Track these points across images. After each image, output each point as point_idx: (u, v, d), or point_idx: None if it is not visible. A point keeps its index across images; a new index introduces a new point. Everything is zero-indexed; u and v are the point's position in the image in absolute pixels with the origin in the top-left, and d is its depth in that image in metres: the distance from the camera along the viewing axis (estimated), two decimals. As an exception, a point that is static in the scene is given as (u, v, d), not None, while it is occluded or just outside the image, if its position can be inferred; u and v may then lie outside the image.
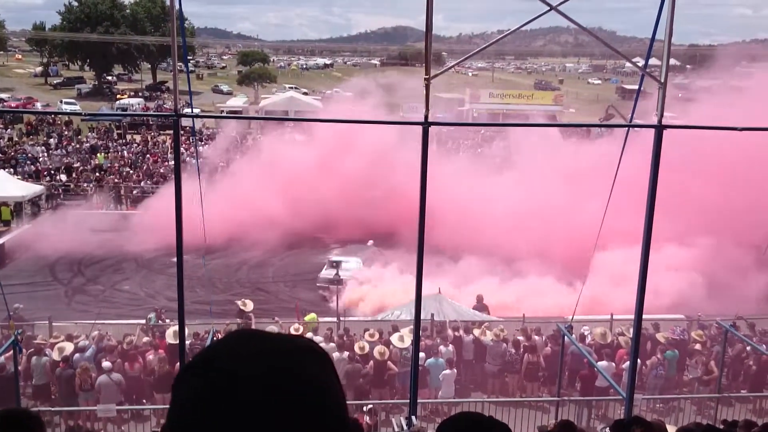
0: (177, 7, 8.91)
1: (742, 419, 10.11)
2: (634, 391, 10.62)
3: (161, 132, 45.99)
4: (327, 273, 21.61)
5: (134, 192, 31.92)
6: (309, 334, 16.34)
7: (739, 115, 18.57)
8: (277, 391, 1.06)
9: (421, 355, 14.70)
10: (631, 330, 11.08)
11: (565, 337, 13.61)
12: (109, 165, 35.85)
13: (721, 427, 8.63)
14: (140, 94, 72.96)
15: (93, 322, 16.61)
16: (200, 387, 1.08)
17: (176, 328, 13.77)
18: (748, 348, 15.62)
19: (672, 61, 9.75)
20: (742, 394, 15.71)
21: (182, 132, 31.85)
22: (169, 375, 14.54)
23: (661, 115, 9.02)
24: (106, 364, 14.33)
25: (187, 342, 13.76)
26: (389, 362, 15.20)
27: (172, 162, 29.22)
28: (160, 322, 17.38)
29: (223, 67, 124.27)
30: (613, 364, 15.27)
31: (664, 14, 8.95)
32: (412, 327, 12.21)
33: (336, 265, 18.18)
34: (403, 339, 15.52)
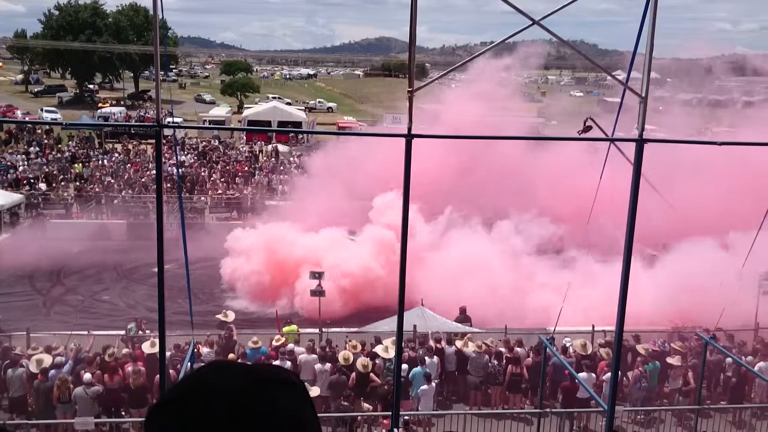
0: (160, 16, 8.86)
1: None
2: (616, 403, 10.64)
3: (142, 141, 45.70)
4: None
5: (115, 202, 31.66)
6: (290, 345, 16.26)
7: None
8: (248, 429, 1.04)
9: (404, 366, 14.67)
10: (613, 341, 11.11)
11: (547, 348, 13.63)
12: (90, 174, 35.55)
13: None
14: (122, 102, 72.56)
15: (71, 333, 16.40)
16: (170, 425, 1.06)
17: (155, 338, 13.64)
18: (728, 360, 15.74)
19: (653, 75, 9.84)
20: (722, 406, 15.82)
21: (164, 141, 31.80)
22: (143, 388, 14.38)
23: (642, 129, 9.09)
24: (86, 376, 14.15)
25: (168, 353, 13.67)
26: (372, 374, 15.14)
27: (154, 172, 29.04)
28: (140, 332, 17.21)
29: (206, 77, 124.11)
30: (594, 375, 15.32)
31: (645, 28, 9.04)
32: (394, 338, 12.17)
33: (318, 275, 18.07)
34: (387, 350, 15.48)
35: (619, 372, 13.20)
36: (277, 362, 15.42)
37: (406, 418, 13.51)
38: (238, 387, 1.09)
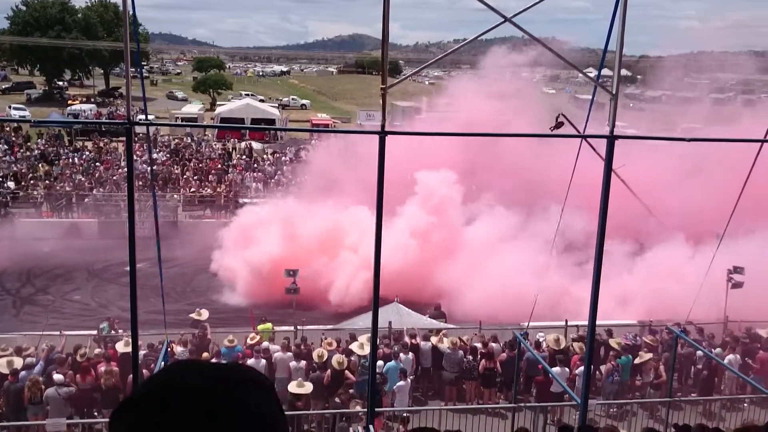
0: (130, 11, 8.77)
1: (694, 423, 10.34)
2: (589, 397, 10.77)
3: (113, 139, 45.14)
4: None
5: (86, 200, 31.25)
6: (265, 343, 16.20)
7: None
8: (215, 428, 1.03)
9: (380, 363, 14.71)
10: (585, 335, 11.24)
11: (521, 343, 13.75)
12: (60, 172, 35.03)
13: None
14: (92, 99, 71.50)
15: (42, 333, 16.17)
16: (135, 425, 1.05)
17: (128, 338, 13.49)
18: (699, 353, 16.00)
19: (623, 72, 9.97)
20: (692, 398, 16.08)
21: (136, 139, 31.45)
22: (115, 388, 14.23)
23: (613, 126, 9.20)
24: (57, 377, 13.97)
25: (141, 353, 13.55)
26: (347, 371, 15.14)
27: (126, 169, 28.72)
28: (113, 332, 17.02)
29: (178, 74, 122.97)
30: (567, 369, 15.48)
31: (615, 26, 9.15)
32: (369, 335, 12.19)
33: (293, 273, 18.01)
34: (363, 347, 15.49)
35: (592, 366, 13.39)
36: (252, 360, 15.36)
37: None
38: (204, 386, 1.07)
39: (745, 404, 15.90)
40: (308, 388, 14.46)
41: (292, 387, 14.40)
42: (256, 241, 23.27)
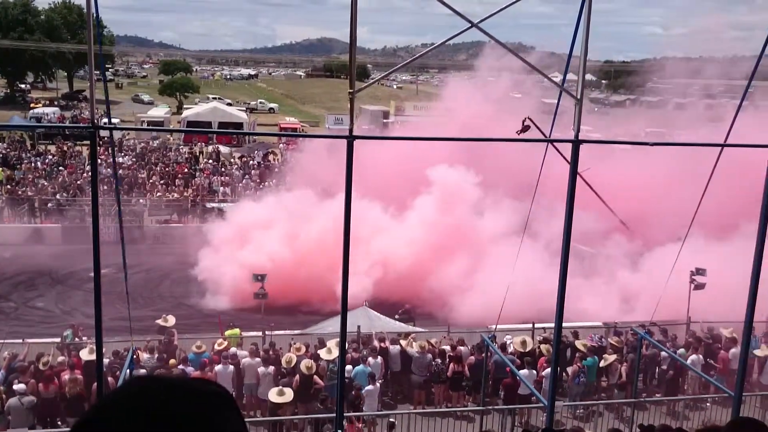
0: (94, 13, 8.65)
1: (659, 423, 10.51)
2: (555, 398, 10.88)
3: (77, 143, 44.42)
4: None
5: (49, 205, 30.69)
6: (233, 349, 16.07)
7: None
8: None
9: (349, 367, 14.68)
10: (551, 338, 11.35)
11: (489, 346, 13.84)
12: (22, 177, 34.36)
13: None
14: (56, 103, 70.32)
15: (3, 341, 15.84)
16: None
17: (92, 345, 13.28)
18: (663, 353, 16.27)
19: (588, 77, 10.11)
20: (657, 399, 16.34)
21: (100, 143, 30.99)
22: (80, 396, 14.00)
23: (578, 130, 9.33)
24: (19, 386, 13.68)
25: (106, 360, 13.33)
26: (315, 377, 15.08)
27: (90, 174, 28.28)
28: (77, 339, 16.73)
29: (144, 77, 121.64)
30: (534, 371, 15.62)
31: (580, 31, 9.28)
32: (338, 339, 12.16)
33: (261, 278, 17.87)
34: (330, 352, 15.45)
35: (559, 368, 13.54)
36: (219, 367, 15.22)
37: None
38: (161, 401, 1.05)
39: (708, 404, 16.20)
40: (288, 396, 14.38)
41: (273, 396, 14.32)
42: (252, 242, 23.05)
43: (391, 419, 13.85)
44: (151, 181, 34.60)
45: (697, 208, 11.03)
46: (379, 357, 16.02)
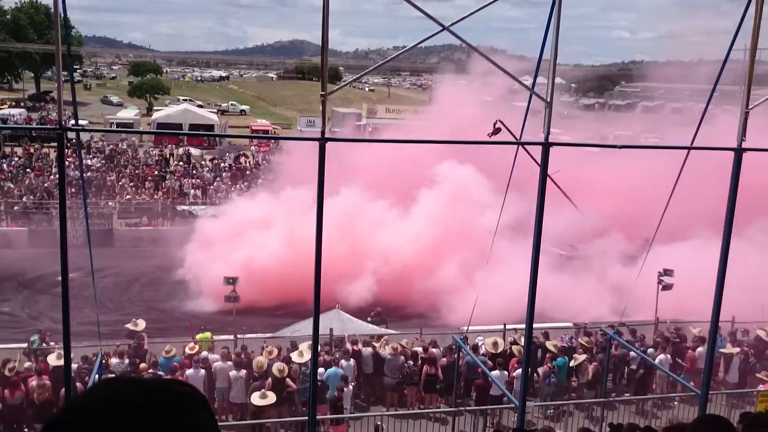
0: (61, 13, 8.54)
1: (627, 422, 10.65)
2: (527, 399, 10.96)
3: (45, 144, 43.70)
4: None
5: (15, 208, 30.16)
6: (204, 353, 15.93)
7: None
8: None
9: (321, 370, 14.64)
10: (523, 339, 11.44)
11: (461, 347, 13.90)
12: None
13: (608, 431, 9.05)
14: (22, 104, 69.09)
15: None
16: None
17: (60, 350, 13.08)
18: (632, 353, 16.50)
19: (558, 80, 10.23)
20: (626, 398, 16.55)
21: (68, 145, 30.52)
22: (48, 402, 13.76)
23: (548, 133, 9.43)
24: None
25: (74, 365, 13.14)
26: (287, 380, 15.02)
27: (57, 176, 27.82)
28: (44, 344, 16.45)
29: (113, 78, 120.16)
30: (506, 372, 15.73)
31: (550, 35, 9.38)
32: (310, 342, 12.13)
33: (232, 281, 17.74)
34: (302, 354, 15.39)
35: (530, 368, 13.63)
36: (190, 371, 15.08)
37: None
38: (130, 403, 1.03)
39: (676, 402, 16.46)
40: (271, 399, 14.30)
41: (255, 399, 14.23)
42: (249, 242, 22.83)
43: (378, 422, 13.86)
44: (120, 183, 34.20)
45: (664, 212, 11.20)
46: (351, 359, 16.01)
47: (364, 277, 21.45)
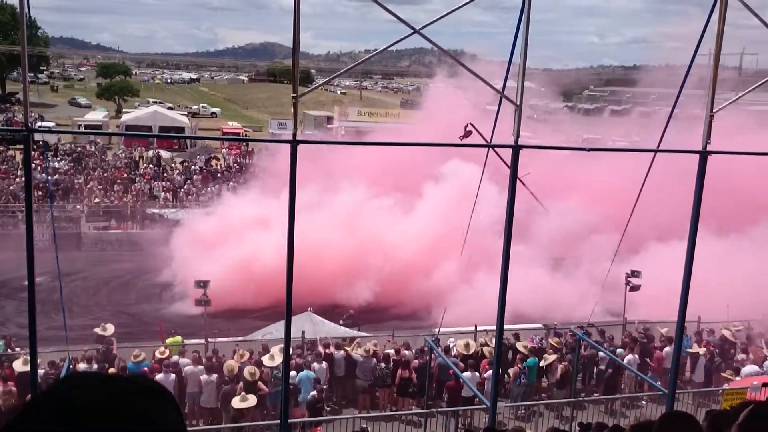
0: (27, 14, 8.42)
1: (594, 422, 10.79)
2: (498, 399, 11.05)
3: (10, 147, 42.93)
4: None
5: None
6: (175, 357, 15.78)
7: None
8: None
9: (292, 373, 14.58)
10: (494, 340, 11.53)
11: (432, 349, 13.96)
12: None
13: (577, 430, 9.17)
14: (-13, 105, 67.87)
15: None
16: None
17: (26, 356, 12.86)
18: (601, 354, 16.71)
19: (527, 84, 10.34)
20: (595, 398, 16.75)
21: (34, 147, 30.07)
22: (15, 409, 13.50)
23: (518, 136, 9.53)
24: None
25: (41, 371, 12.92)
26: (259, 383, 14.94)
27: (23, 179, 27.32)
28: (10, 350, 16.15)
29: (81, 79, 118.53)
30: (477, 374, 15.83)
31: (519, 40, 9.49)
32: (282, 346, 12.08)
33: (203, 284, 17.61)
34: (274, 358, 15.32)
35: (501, 369, 13.75)
36: (160, 375, 14.91)
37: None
38: (94, 399, 1.01)
39: (644, 401, 16.70)
40: (252, 401, 14.22)
41: (236, 403, 14.14)
42: (203, 247, 22.65)
43: (363, 425, 13.85)
44: (88, 186, 33.72)
45: (631, 214, 11.39)
46: (323, 362, 15.97)
47: (364, 277, 21.48)
